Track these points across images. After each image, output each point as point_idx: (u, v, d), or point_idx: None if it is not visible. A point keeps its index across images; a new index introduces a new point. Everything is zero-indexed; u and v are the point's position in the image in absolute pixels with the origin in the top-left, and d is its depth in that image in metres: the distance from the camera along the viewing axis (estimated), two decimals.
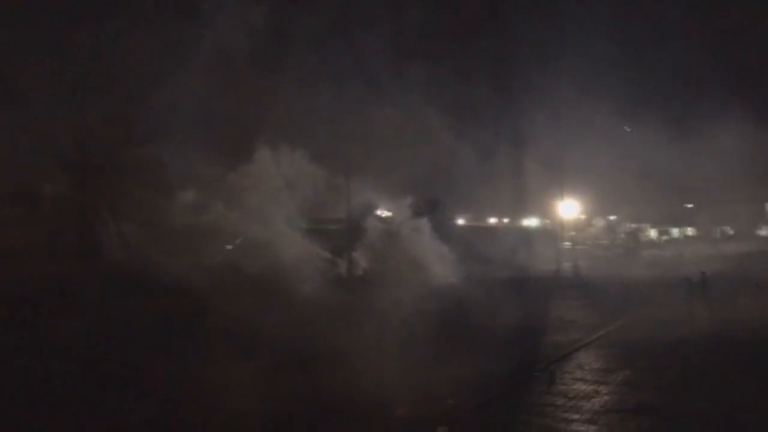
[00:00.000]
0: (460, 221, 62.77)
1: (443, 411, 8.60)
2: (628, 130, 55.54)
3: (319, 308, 16.81)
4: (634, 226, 68.79)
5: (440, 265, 27.14)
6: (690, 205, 69.17)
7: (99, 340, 11.77)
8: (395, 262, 26.05)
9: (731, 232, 64.44)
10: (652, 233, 67.26)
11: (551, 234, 53.82)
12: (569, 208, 57.38)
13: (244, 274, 18.94)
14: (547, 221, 67.22)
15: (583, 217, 67.74)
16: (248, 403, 8.53)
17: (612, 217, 74.21)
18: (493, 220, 75.31)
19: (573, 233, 65.48)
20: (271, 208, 22.64)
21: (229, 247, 22.27)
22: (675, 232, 68.59)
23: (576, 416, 8.21)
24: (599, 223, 69.62)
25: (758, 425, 7.63)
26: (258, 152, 22.92)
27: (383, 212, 37.16)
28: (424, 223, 30.67)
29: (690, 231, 67.83)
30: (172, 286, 15.22)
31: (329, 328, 13.58)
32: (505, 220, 76.21)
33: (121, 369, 10.18)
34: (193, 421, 8.06)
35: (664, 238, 63.12)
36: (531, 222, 73.18)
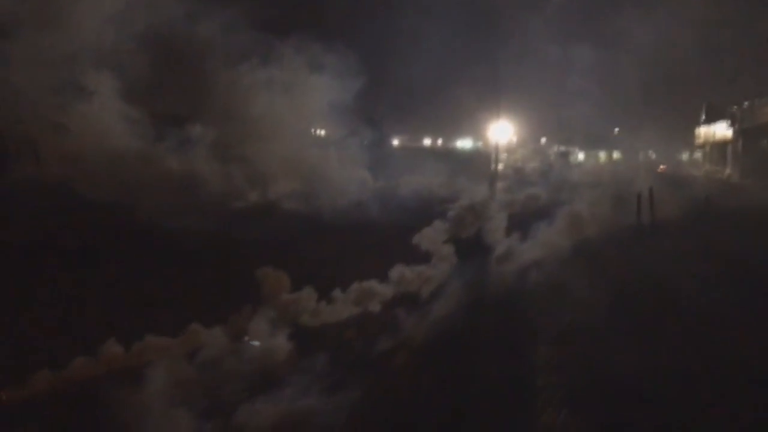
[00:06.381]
0: (395, 141, 61.43)
1: None
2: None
3: None
4: (563, 149, 70.06)
5: None
6: (617, 130, 70.99)
7: None
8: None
9: (654, 156, 66.93)
10: (581, 156, 68.91)
11: (485, 156, 53.85)
12: (503, 131, 57.33)
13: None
14: (480, 143, 67.31)
15: (515, 139, 68.25)
16: None
17: (543, 140, 75.29)
18: (427, 141, 74.73)
19: (505, 155, 66.18)
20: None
21: None
22: (602, 155, 70.53)
23: None
24: (530, 145, 70.37)
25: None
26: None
27: None
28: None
29: (616, 154, 69.93)
30: None
31: None
32: (440, 141, 75.89)
33: None
34: None
35: (592, 161, 64.87)
36: (465, 143, 73.29)
